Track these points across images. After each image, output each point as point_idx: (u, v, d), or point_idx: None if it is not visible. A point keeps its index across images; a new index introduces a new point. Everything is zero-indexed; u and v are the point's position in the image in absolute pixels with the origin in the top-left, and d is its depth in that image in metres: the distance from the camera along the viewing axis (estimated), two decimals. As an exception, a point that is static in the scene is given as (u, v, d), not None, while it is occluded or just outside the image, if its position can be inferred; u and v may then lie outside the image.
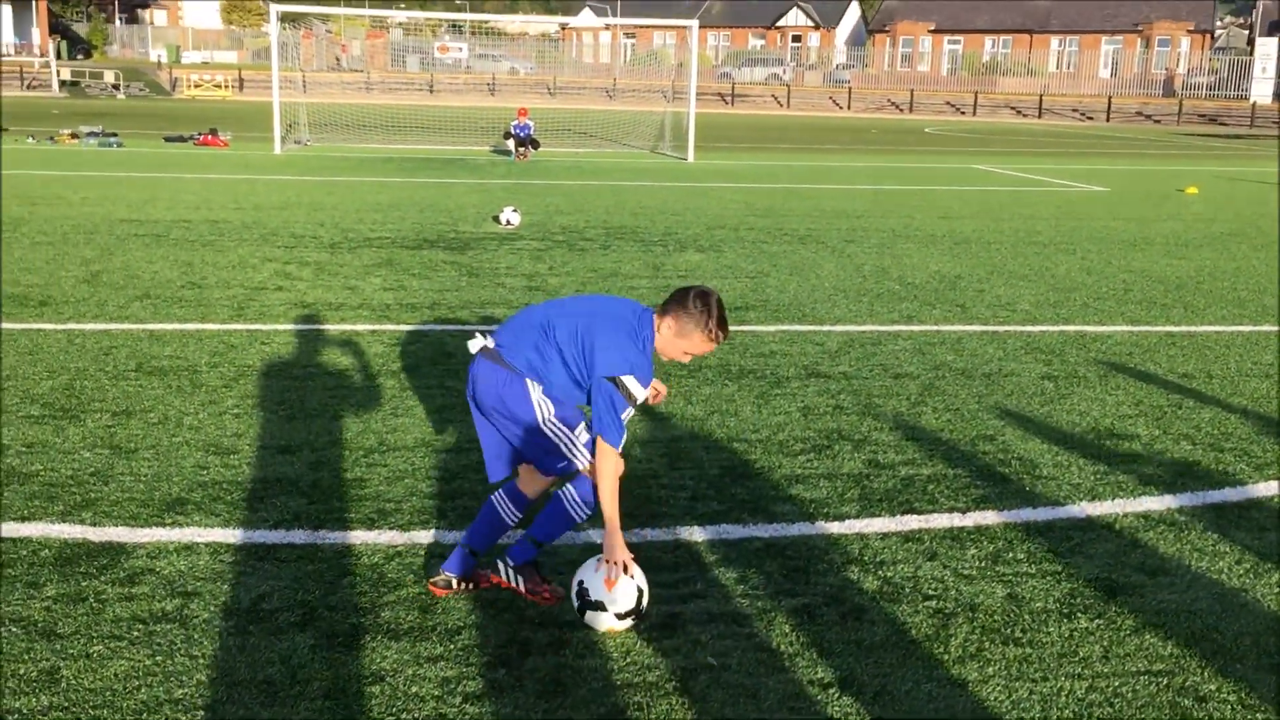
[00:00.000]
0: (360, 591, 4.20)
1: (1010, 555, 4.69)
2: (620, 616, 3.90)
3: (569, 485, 4.10)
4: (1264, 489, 5.54)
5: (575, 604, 3.97)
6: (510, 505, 4.25)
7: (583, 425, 4.02)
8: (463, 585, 4.20)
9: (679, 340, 4.01)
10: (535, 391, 3.97)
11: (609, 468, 3.90)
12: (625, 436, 3.94)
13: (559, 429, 4.00)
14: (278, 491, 5.14)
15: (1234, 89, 64.56)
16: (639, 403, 3.95)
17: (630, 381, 3.90)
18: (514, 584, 4.17)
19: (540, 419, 3.98)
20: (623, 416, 3.90)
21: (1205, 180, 23.68)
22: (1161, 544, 4.84)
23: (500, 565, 4.20)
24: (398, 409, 6.45)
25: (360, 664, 3.70)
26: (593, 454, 3.95)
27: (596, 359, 3.90)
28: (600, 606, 3.89)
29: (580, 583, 3.96)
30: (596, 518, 4.06)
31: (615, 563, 3.90)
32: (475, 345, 4.10)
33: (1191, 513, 5.21)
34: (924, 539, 4.83)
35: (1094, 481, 5.58)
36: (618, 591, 3.88)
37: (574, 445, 4.00)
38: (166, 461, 5.49)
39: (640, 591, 3.92)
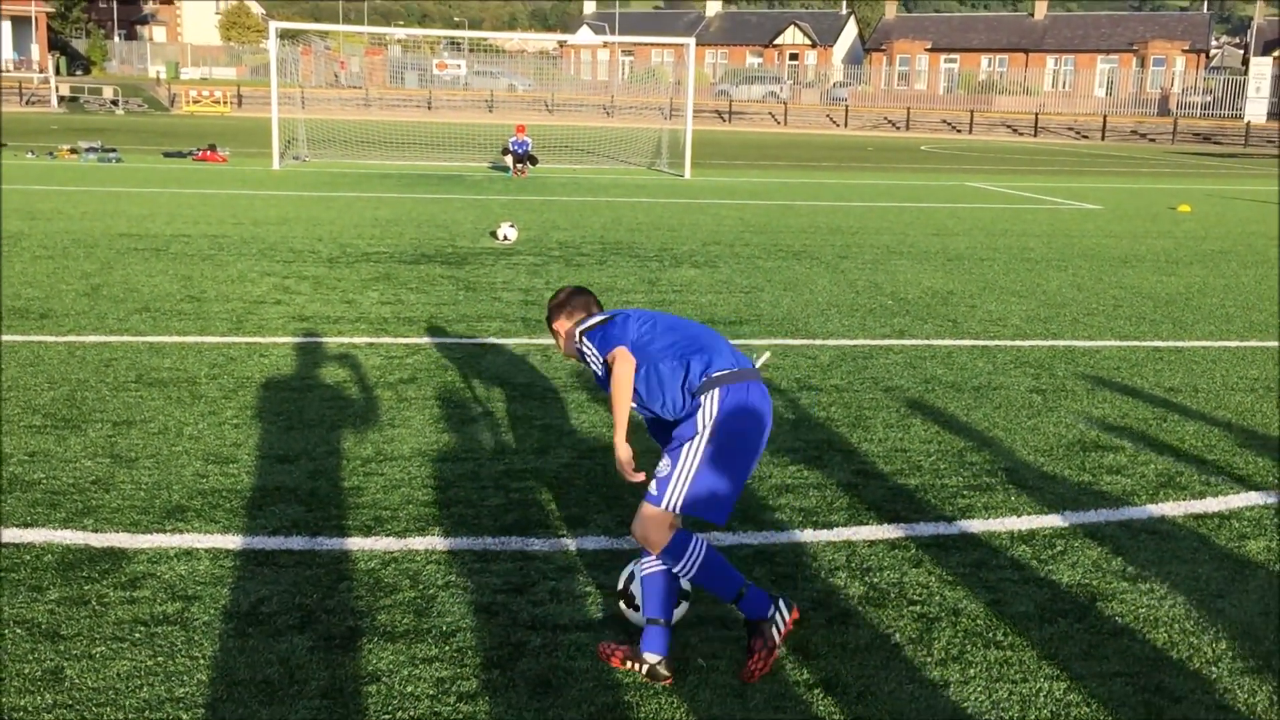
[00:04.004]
0: (357, 595, 4.30)
1: (994, 562, 4.79)
2: None
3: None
4: (1244, 499, 5.64)
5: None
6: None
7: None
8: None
9: None
10: None
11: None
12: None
13: None
14: (276, 499, 5.23)
15: (1229, 108, 64.93)
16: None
17: None
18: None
19: None
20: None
21: (1198, 199, 23.85)
22: (1143, 552, 4.94)
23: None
24: (394, 420, 6.54)
25: (357, 665, 3.79)
26: None
27: None
28: None
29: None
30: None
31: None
32: (761, 360, 4.03)
33: (1173, 522, 5.32)
34: (910, 546, 4.93)
35: (1078, 492, 5.68)
36: None
37: None
38: (166, 470, 5.58)
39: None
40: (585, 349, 4.00)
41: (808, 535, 5.02)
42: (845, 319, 9.86)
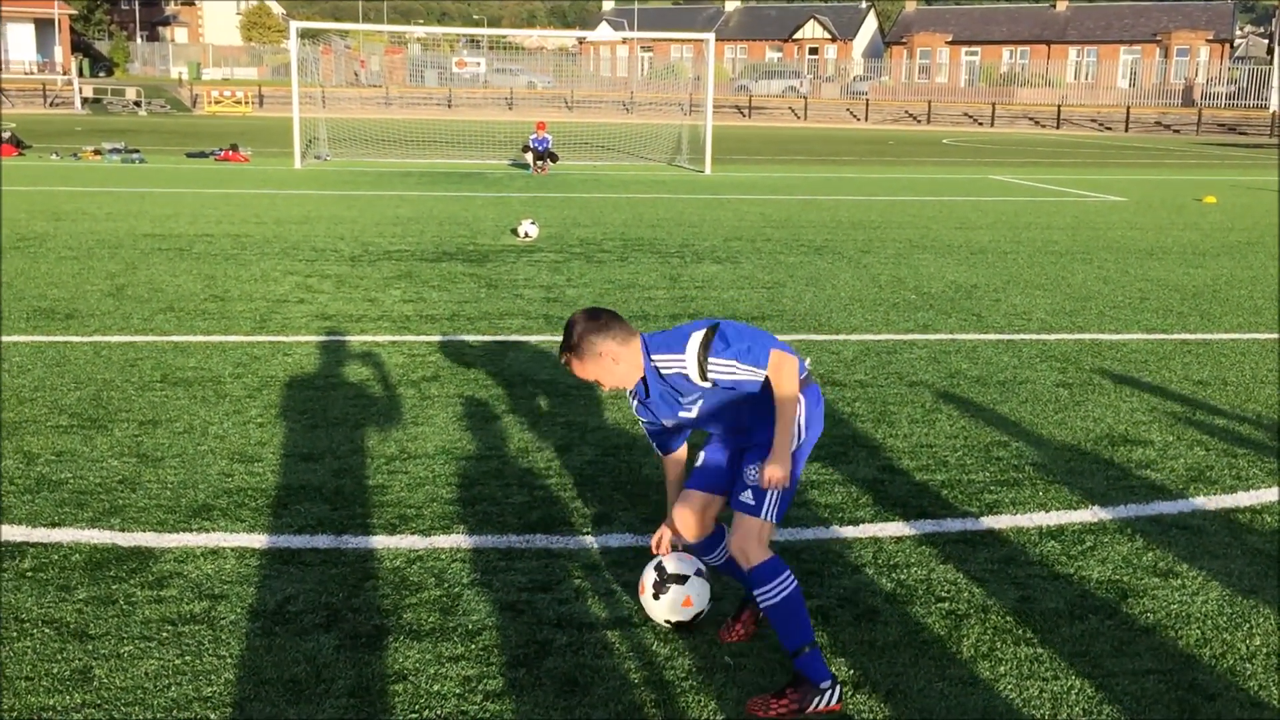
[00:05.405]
0: (383, 594, 4.29)
1: (1022, 558, 4.75)
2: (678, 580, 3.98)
3: None
4: (1276, 492, 5.57)
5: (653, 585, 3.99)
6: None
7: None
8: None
9: None
10: None
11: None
12: (654, 445, 4.13)
13: None
14: (301, 498, 5.24)
15: (1254, 98, 64.30)
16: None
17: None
18: None
19: None
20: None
21: (1223, 190, 23.64)
22: (1173, 547, 4.88)
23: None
24: (418, 418, 6.55)
25: (383, 663, 3.78)
26: None
27: None
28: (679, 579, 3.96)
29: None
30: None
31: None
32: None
33: (1204, 516, 5.26)
34: (937, 542, 4.89)
35: (1106, 486, 5.63)
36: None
37: None
38: (192, 469, 5.60)
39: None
40: (723, 368, 3.60)
41: (834, 531, 4.99)
42: (868, 314, 9.81)
